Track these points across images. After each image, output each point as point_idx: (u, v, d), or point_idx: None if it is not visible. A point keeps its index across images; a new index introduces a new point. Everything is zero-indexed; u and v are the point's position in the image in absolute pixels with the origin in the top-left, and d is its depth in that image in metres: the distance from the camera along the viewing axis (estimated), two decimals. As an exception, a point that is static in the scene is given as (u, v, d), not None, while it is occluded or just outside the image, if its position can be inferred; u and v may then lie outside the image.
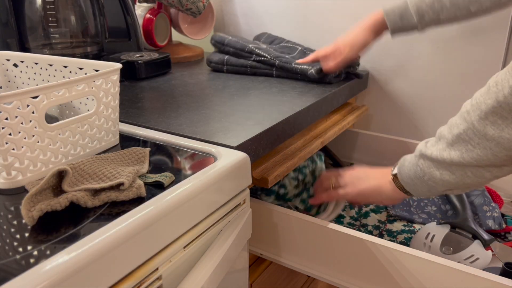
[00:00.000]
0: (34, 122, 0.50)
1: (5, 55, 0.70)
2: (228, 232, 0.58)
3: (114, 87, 0.60)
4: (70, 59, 0.64)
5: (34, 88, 0.49)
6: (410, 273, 0.63)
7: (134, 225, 0.44)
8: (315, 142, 0.86)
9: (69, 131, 0.55)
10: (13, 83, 0.72)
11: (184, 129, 0.70)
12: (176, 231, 0.50)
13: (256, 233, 0.75)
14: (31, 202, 0.44)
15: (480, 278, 0.57)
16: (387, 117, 1.16)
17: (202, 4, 1.12)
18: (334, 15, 1.14)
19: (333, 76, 0.97)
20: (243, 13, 1.29)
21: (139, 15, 1.15)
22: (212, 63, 1.07)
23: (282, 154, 0.79)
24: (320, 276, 0.71)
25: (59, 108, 0.69)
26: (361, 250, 0.66)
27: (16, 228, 0.44)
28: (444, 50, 1.02)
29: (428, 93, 1.08)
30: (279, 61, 1.00)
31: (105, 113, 0.60)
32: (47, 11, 0.87)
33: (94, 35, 0.94)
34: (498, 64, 0.97)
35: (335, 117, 1.00)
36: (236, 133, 0.68)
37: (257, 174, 0.71)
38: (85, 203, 0.47)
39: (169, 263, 0.49)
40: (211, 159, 0.60)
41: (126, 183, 0.48)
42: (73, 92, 0.54)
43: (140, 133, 0.68)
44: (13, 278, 0.36)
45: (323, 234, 0.68)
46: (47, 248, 0.40)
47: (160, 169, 0.57)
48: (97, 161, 0.53)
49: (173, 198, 0.49)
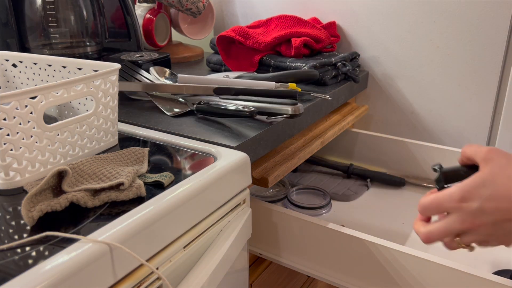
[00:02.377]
0: (32, 122, 0.50)
1: (4, 55, 0.70)
2: (228, 232, 0.58)
3: (113, 87, 0.60)
4: (69, 59, 0.64)
5: (33, 89, 0.49)
6: (410, 273, 0.63)
7: (134, 225, 0.43)
8: (315, 142, 0.86)
9: (67, 132, 0.55)
10: (12, 83, 0.72)
11: (184, 129, 0.69)
12: (176, 231, 0.49)
13: (256, 233, 0.75)
14: (31, 203, 0.44)
15: (480, 279, 0.57)
16: (387, 117, 1.16)
17: (202, 4, 1.12)
18: (333, 15, 1.14)
19: (329, 77, 0.96)
20: (243, 13, 1.29)
21: (139, 15, 1.15)
22: (211, 64, 1.08)
23: (282, 154, 0.79)
24: (320, 276, 0.71)
25: (58, 108, 0.69)
26: (361, 250, 0.66)
27: (15, 229, 0.44)
28: (444, 50, 1.02)
29: (428, 93, 1.08)
30: (274, 61, 1.00)
31: (104, 113, 0.60)
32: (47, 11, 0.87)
33: (94, 35, 0.94)
34: (498, 64, 0.97)
35: (335, 117, 1.00)
36: (236, 133, 0.68)
37: (257, 174, 0.71)
38: (85, 203, 0.47)
39: (169, 263, 0.49)
40: (211, 159, 0.60)
41: (126, 183, 0.48)
42: (72, 93, 0.54)
43: (140, 133, 0.68)
44: (12, 278, 0.36)
45: (323, 234, 0.68)
46: (47, 248, 0.40)
47: (160, 169, 0.57)
48: (96, 161, 0.53)
49: (173, 198, 0.49)
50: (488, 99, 1.01)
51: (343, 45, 1.15)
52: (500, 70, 0.98)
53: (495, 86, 0.99)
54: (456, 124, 1.06)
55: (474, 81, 1.01)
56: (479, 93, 1.01)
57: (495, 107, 1.01)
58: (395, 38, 1.07)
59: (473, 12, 0.96)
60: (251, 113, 0.68)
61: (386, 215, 0.91)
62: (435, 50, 1.04)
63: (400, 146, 1.02)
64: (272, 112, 0.71)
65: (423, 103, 1.09)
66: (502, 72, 0.98)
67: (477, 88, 1.01)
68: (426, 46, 1.04)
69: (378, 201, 0.96)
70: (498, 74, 0.98)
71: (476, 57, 0.99)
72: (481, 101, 1.02)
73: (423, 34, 1.03)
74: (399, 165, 1.04)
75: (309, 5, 1.17)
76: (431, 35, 1.03)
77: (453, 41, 1.01)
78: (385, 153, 1.06)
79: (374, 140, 1.07)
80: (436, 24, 1.01)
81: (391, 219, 0.89)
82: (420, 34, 1.04)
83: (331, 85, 0.97)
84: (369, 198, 0.98)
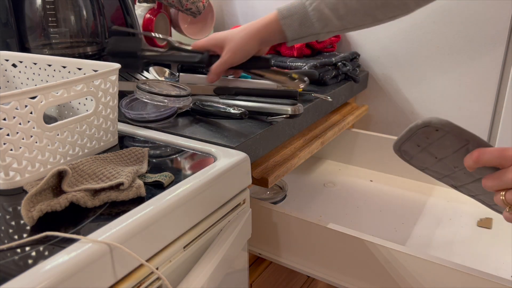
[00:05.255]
0: (32, 122, 0.50)
1: (4, 55, 0.70)
2: (228, 232, 0.58)
3: (113, 87, 0.60)
4: (68, 59, 0.64)
5: (33, 89, 0.49)
6: (409, 273, 0.63)
7: (134, 225, 0.43)
8: (315, 142, 0.86)
9: (67, 132, 0.55)
10: (12, 83, 0.72)
11: (183, 129, 0.69)
12: (176, 231, 0.49)
13: (255, 233, 0.75)
14: (30, 203, 0.44)
15: (479, 278, 0.57)
16: (387, 117, 1.16)
17: (202, 4, 1.12)
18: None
19: (329, 77, 0.96)
20: (243, 13, 1.29)
21: (139, 15, 1.15)
22: (212, 63, 1.08)
23: (282, 154, 0.79)
24: (320, 276, 0.71)
25: (58, 108, 0.69)
26: (360, 250, 0.66)
27: (15, 229, 0.44)
28: (444, 50, 1.02)
29: (428, 93, 1.08)
30: (274, 60, 1.00)
31: (104, 113, 0.60)
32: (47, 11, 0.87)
33: (94, 35, 0.94)
34: (498, 64, 0.97)
35: (335, 117, 1.00)
36: (236, 133, 0.68)
37: (257, 174, 0.71)
38: (85, 203, 0.46)
39: (169, 263, 0.49)
40: (211, 159, 0.60)
41: (126, 183, 0.48)
42: (72, 93, 0.54)
43: (140, 133, 0.68)
44: (12, 278, 0.35)
45: (323, 234, 0.68)
46: (47, 248, 0.40)
47: (160, 169, 0.57)
48: (96, 161, 0.53)
49: (173, 198, 0.49)
50: (488, 99, 1.01)
51: (343, 45, 1.15)
52: (500, 70, 0.98)
53: (495, 86, 0.99)
54: (456, 124, 1.06)
55: (474, 81, 1.01)
56: (479, 93, 1.01)
57: (495, 107, 1.01)
58: (395, 38, 1.07)
59: (473, 12, 0.96)
60: (241, 114, 0.68)
61: (386, 215, 0.91)
62: (435, 50, 1.04)
63: (400, 146, 1.02)
64: (272, 112, 0.71)
65: (423, 103, 1.09)
66: (502, 72, 0.98)
67: (477, 88, 1.01)
68: (426, 46, 1.04)
69: (378, 201, 0.96)
70: (498, 74, 0.98)
71: (476, 57, 0.99)
72: (481, 101, 1.02)
73: (423, 34, 1.03)
74: (400, 165, 1.04)
75: (309, 5, 1.17)
76: (431, 35, 1.03)
77: (453, 41, 1.01)
78: (385, 153, 1.06)
79: (374, 140, 1.07)
80: (436, 24, 1.01)
81: (391, 219, 0.89)
82: (420, 34, 1.04)
83: (331, 85, 0.97)
84: (369, 197, 0.98)
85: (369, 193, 1.00)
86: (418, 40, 1.05)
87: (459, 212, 0.90)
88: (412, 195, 0.98)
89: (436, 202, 0.94)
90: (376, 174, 1.08)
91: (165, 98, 0.69)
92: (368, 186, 1.02)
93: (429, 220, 0.88)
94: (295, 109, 0.70)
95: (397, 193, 0.99)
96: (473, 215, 0.88)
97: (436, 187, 1.00)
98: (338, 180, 1.06)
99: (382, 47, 1.10)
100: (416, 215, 0.90)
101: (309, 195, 0.99)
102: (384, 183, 1.03)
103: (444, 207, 0.92)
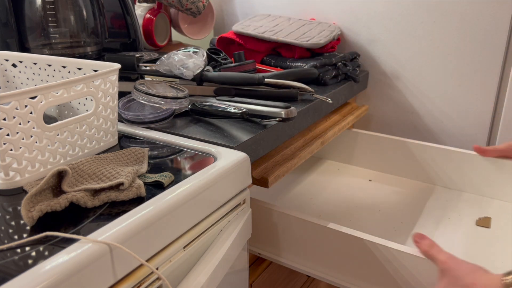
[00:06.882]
0: (32, 122, 0.50)
1: (4, 55, 0.70)
2: (228, 232, 0.58)
3: (113, 87, 0.60)
4: (68, 59, 0.64)
5: (32, 89, 0.49)
6: (410, 273, 0.63)
7: (134, 225, 0.43)
8: (315, 142, 0.86)
9: (67, 132, 0.55)
10: (12, 83, 0.72)
11: (183, 129, 0.69)
12: (176, 231, 0.49)
13: (256, 233, 0.75)
14: (30, 203, 0.44)
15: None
16: (387, 117, 1.16)
17: (202, 4, 1.12)
18: (333, 15, 1.14)
19: (329, 77, 0.96)
20: (243, 13, 1.29)
21: (139, 15, 1.15)
22: (211, 63, 1.08)
23: (282, 154, 0.79)
24: (320, 276, 0.71)
25: (58, 108, 0.69)
26: (361, 250, 0.66)
27: (15, 229, 0.44)
28: (444, 50, 1.02)
29: (428, 93, 1.08)
30: (274, 61, 1.00)
31: (104, 113, 0.60)
32: (47, 11, 0.87)
33: (94, 35, 0.94)
34: (498, 64, 0.97)
35: (335, 117, 1.00)
36: (236, 133, 0.68)
37: (257, 174, 0.71)
38: (85, 203, 0.47)
39: (169, 263, 0.49)
40: (211, 159, 0.60)
41: (126, 183, 0.48)
42: (72, 93, 0.54)
43: (140, 133, 0.68)
44: (12, 278, 0.35)
45: (323, 234, 0.68)
46: (47, 248, 0.40)
47: (160, 169, 0.57)
48: (96, 161, 0.53)
49: (173, 198, 0.49)
50: (488, 99, 1.01)
51: (343, 45, 1.15)
52: (500, 70, 0.98)
53: (495, 86, 0.99)
54: (456, 124, 1.06)
55: (474, 81, 1.01)
56: (479, 93, 1.01)
57: (495, 107, 1.01)
58: (395, 38, 1.07)
59: (473, 12, 0.96)
60: (242, 114, 0.68)
61: (385, 215, 0.91)
62: (435, 50, 1.04)
63: (400, 146, 1.02)
64: (265, 115, 0.71)
65: (423, 103, 1.09)
66: (502, 72, 0.98)
67: (477, 88, 1.01)
68: (426, 46, 1.04)
69: (378, 200, 0.96)
70: (498, 74, 0.98)
71: (476, 57, 0.99)
72: (481, 101, 1.02)
73: (423, 34, 1.03)
74: (399, 165, 1.04)
75: (309, 5, 1.17)
76: (431, 35, 1.03)
77: (453, 41, 1.01)
78: (385, 153, 1.06)
79: (374, 140, 1.07)
80: (436, 24, 1.01)
81: (390, 219, 0.89)
82: (420, 34, 1.04)
83: (331, 85, 0.98)
84: (369, 196, 0.98)
85: (369, 193, 1.00)
86: (418, 40, 1.05)
87: (457, 211, 0.90)
88: (411, 195, 0.98)
89: (435, 202, 0.94)
90: (376, 174, 1.08)
91: (162, 100, 0.69)
92: (367, 186, 1.02)
93: (428, 219, 0.88)
94: (288, 113, 0.70)
95: (397, 193, 0.99)
96: (471, 215, 0.88)
97: (436, 187, 1.00)
98: (338, 180, 1.06)
99: (382, 47, 1.10)
100: (415, 214, 0.90)
101: (309, 195, 0.99)
102: (384, 183, 1.03)
103: (443, 206, 0.92)
